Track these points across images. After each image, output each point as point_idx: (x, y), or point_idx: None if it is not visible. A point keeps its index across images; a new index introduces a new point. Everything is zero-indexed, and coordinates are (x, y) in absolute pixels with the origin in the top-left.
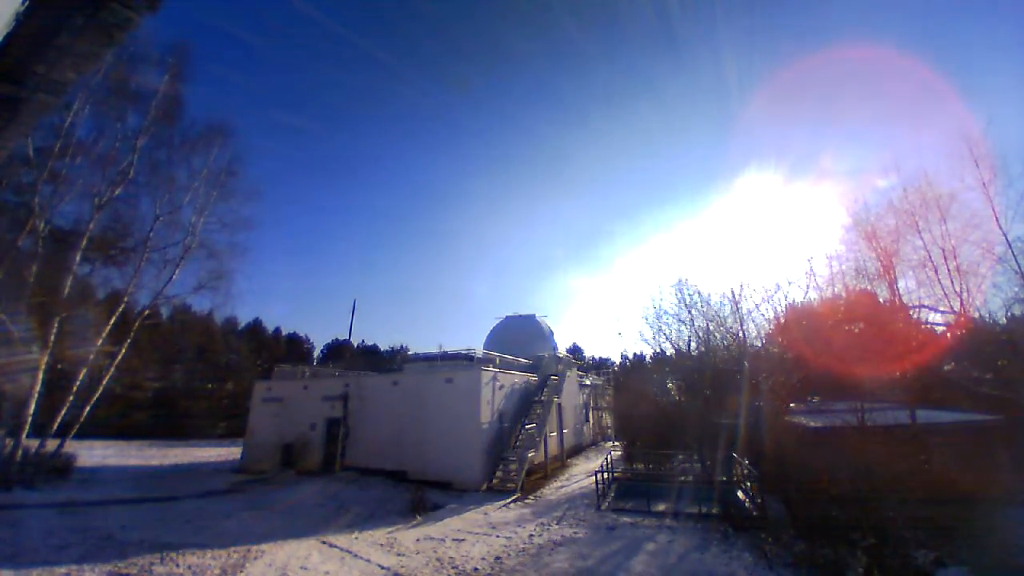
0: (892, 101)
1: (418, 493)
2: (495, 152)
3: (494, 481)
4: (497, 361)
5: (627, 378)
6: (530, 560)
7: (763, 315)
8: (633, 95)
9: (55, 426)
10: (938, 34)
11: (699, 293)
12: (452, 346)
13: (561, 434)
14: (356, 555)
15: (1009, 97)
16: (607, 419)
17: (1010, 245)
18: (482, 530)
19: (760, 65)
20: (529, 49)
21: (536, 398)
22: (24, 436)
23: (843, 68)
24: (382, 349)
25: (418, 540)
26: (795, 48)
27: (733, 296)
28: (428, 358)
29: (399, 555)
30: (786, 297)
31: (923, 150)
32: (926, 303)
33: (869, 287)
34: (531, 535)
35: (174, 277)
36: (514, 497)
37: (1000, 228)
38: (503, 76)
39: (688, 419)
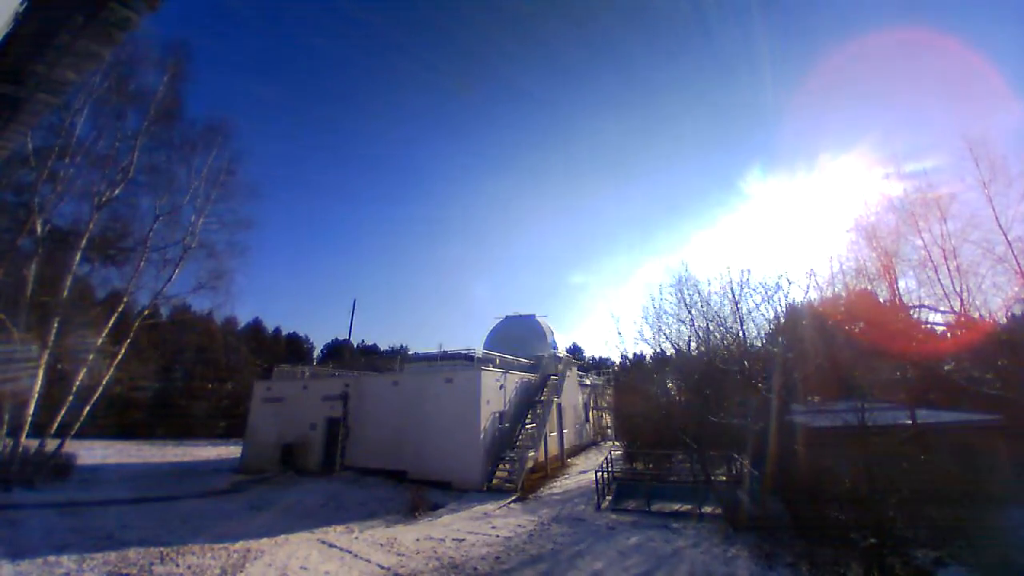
0: (924, 86)
1: (418, 493)
2: (498, 152)
3: (494, 481)
4: (497, 361)
5: (627, 378)
6: (529, 560)
7: (763, 315)
8: (647, 95)
9: (55, 426)
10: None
11: (699, 293)
12: (452, 346)
13: (561, 434)
14: (356, 555)
15: (1009, 97)
16: (607, 419)
17: (1010, 245)
18: (482, 530)
19: (787, 63)
20: (544, 45)
21: (536, 398)
22: (24, 436)
23: (876, 56)
24: (382, 349)
25: (418, 540)
26: (826, 41)
27: (733, 296)
28: (428, 358)
29: (399, 555)
30: (786, 297)
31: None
32: (926, 303)
33: (869, 287)
34: (531, 535)
35: (174, 277)
36: (514, 497)
37: (1000, 228)
38: (516, 72)
39: (688, 419)
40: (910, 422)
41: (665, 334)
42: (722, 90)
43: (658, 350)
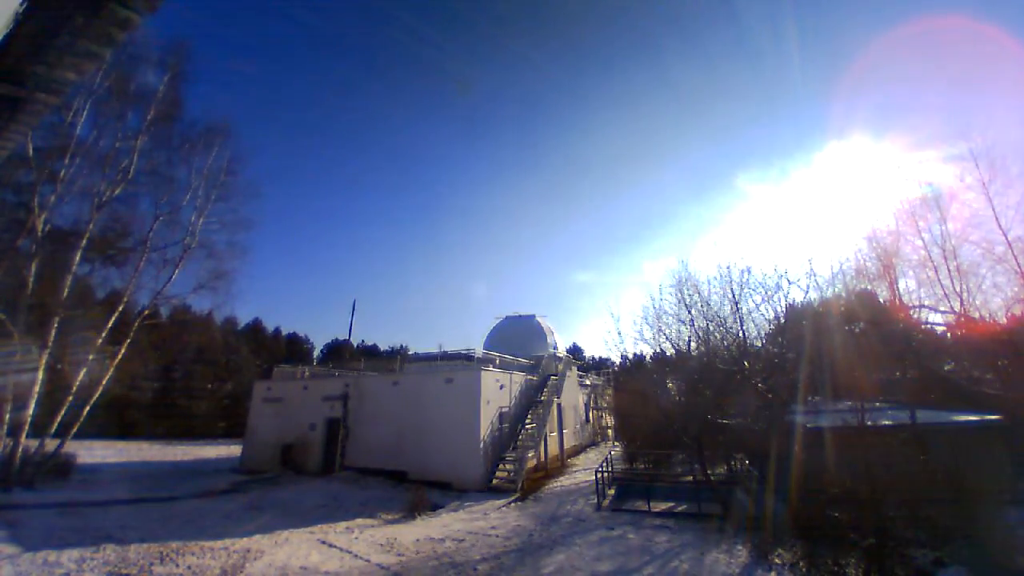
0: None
1: (418, 493)
2: (498, 151)
3: (494, 481)
4: (497, 361)
5: (627, 378)
6: (530, 560)
7: (763, 315)
8: (652, 90)
9: (55, 426)
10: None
11: (699, 293)
12: (452, 346)
13: (561, 434)
14: (356, 555)
15: (1009, 97)
16: (607, 419)
17: (1010, 245)
18: (482, 530)
19: (812, 59)
20: (562, 35)
21: (536, 398)
22: (24, 436)
23: (903, 48)
24: (382, 349)
25: (418, 540)
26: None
27: (733, 296)
28: (428, 358)
29: (399, 555)
30: (786, 297)
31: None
32: (926, 303)
33: (869, 287)
34: (531, 535)
35: (174, 277)
36: (514, 497)
37: (1000, 228)
38: (525, 64)
39: (688, 419)
40: (910, 422)
41: (665, 334)
42: (743, 86)
43: (658, 350)
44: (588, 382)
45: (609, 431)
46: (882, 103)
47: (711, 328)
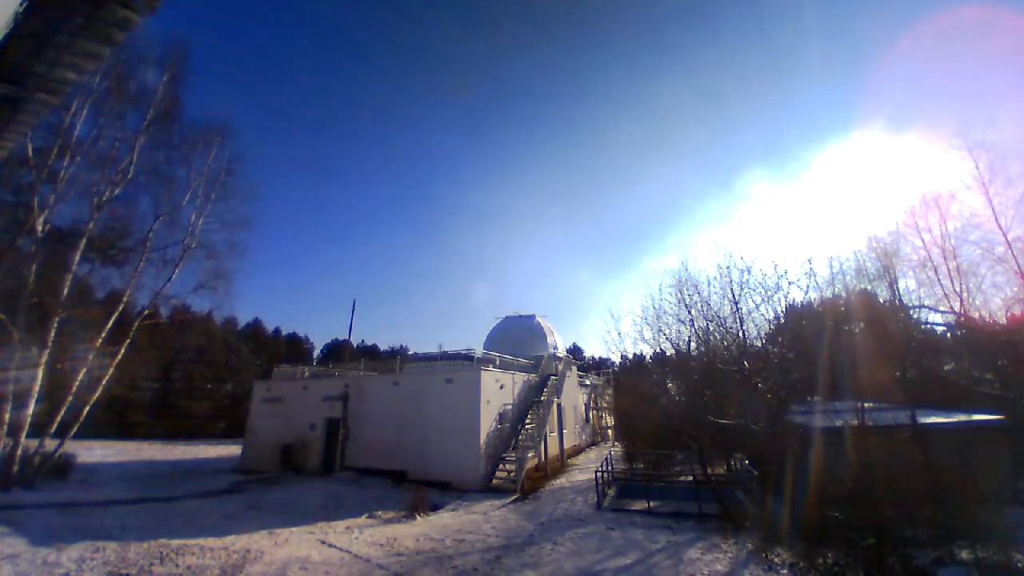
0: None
1: (418, 493)
2: (499, 150)
3: (494, 481)
4: (497, 361)
5: (627, 378)
6: (530, 560)
7: (763, 315)
8: (663, 85)
9: (54, 426)
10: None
11: (699, 293)
12: (452, 346)
13: (561, 434)
14: (356, 555)
15: (1009, 97)
16: (607, 419)
17: (1010, 245)
18: (482, 530)
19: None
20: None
21: (536, 398)
22: (23, 436)
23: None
24: (382, 349)
25: (418, 540)
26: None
27: (733, 296)
28: (428, 358)
29: (399, 555)
30: (786, 297)
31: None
32: (926, 303)
33: (869, 287)
34: (531, 535)
35: (173, 277)
36: (514, 497)
37: (1000, 228)
38: (529, 62)
39: (688, 419)
40: (910, 422)
41: (665, 334)
42: (758, 78)
43: (658, 350)
44: (588, 382)
45: (609, 431)
46: (891, 100)
47: (711, 328)
